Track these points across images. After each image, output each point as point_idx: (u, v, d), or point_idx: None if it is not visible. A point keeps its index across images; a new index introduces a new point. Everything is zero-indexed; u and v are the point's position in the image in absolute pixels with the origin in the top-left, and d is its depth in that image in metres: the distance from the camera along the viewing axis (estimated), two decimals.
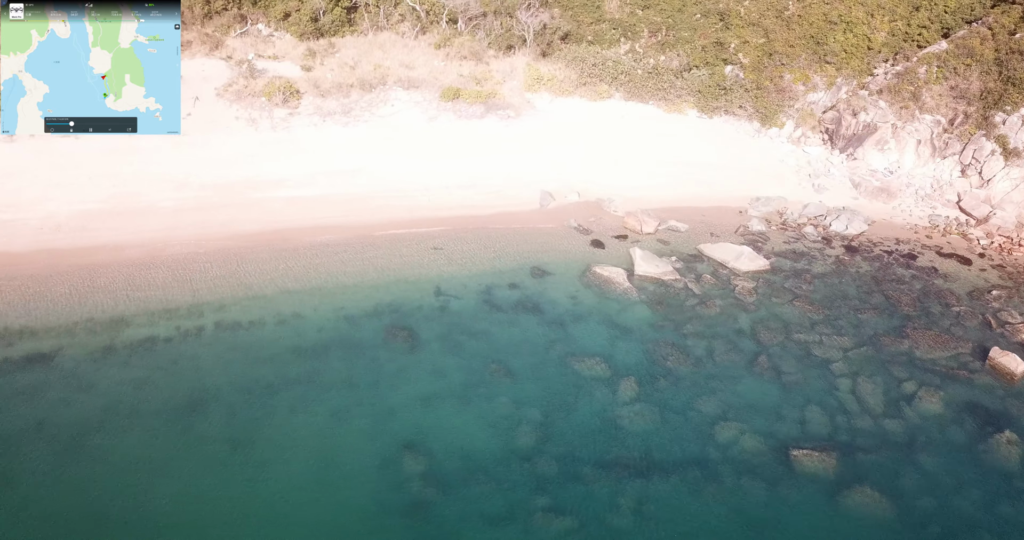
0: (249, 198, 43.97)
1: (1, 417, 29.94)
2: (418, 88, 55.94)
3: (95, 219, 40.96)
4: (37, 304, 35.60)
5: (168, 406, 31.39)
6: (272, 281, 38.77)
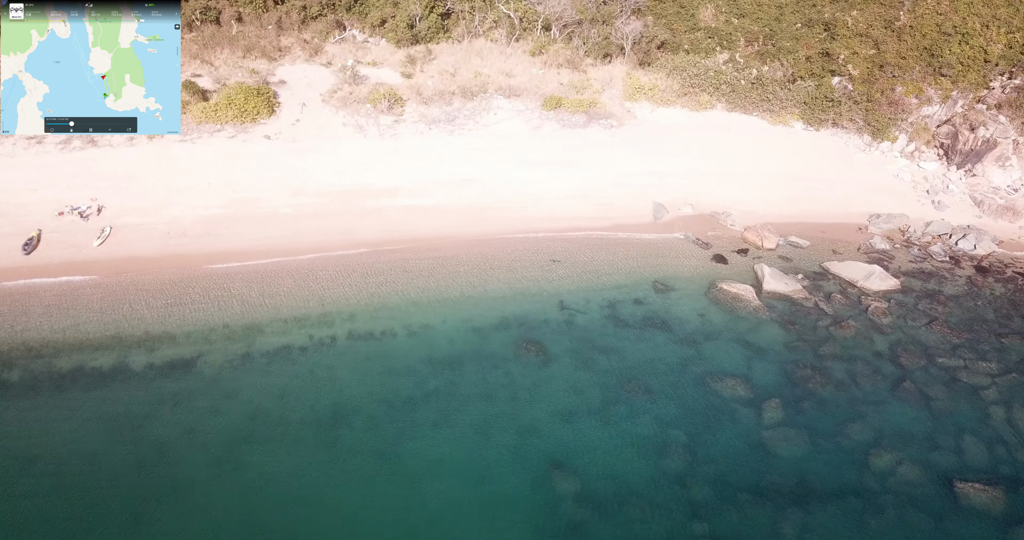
0: (366, 206, 44.07)
1: (154, 424, 30.29)
2: (519, 96, 55.75)
3: (219, 224, 41.40)
4: (173, 309, 36.01)
5: (312, 417, 31.40)
6: (398, 291, 38.72)
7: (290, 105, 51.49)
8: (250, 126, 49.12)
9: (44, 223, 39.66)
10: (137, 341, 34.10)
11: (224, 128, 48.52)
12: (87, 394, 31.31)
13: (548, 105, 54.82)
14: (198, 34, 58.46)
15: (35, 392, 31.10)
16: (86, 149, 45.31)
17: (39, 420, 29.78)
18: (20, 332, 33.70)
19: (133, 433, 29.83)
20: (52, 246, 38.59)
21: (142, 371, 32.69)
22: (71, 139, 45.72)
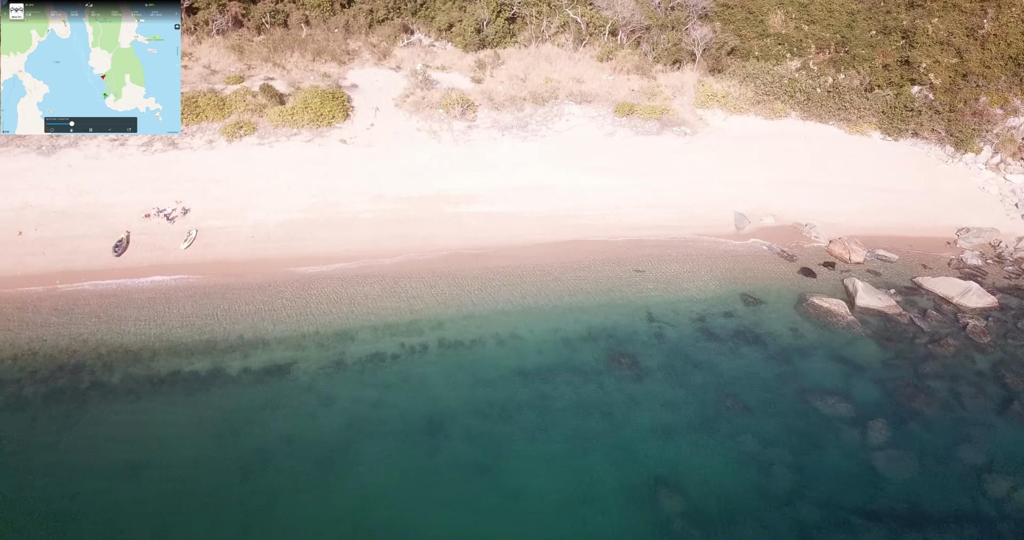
0: (445, 213, 43.99)
1: (255, 430, 30.35)
2: (590, 102, 55.41)
3: (302, 229, 41.57)
4: (264, 314, 36.17)
5: (408, 426, 31.28)
6: (484, 299, 38.52)
7: (364, 109, 51.66)
8: (326, 130, 49.35)
9: (131, 225, 40.14)
10: (231, 346, 34.29)
11: (300, 132, 48.80)
12: (187, 398, 31.52)
13: (621, 111, 54.42)
14: (267, 37, 59.01)
15: (136, 395, 31.38)
16: (167, 151, 45.85)
17: (143, 424, 30.04)
18: (118, 335, 34.07)
19: (235, 439, 29.95)
20: (141, 248, 39.03)
21: (238, 376, 32.85)
22: (152, 141, 46.31)
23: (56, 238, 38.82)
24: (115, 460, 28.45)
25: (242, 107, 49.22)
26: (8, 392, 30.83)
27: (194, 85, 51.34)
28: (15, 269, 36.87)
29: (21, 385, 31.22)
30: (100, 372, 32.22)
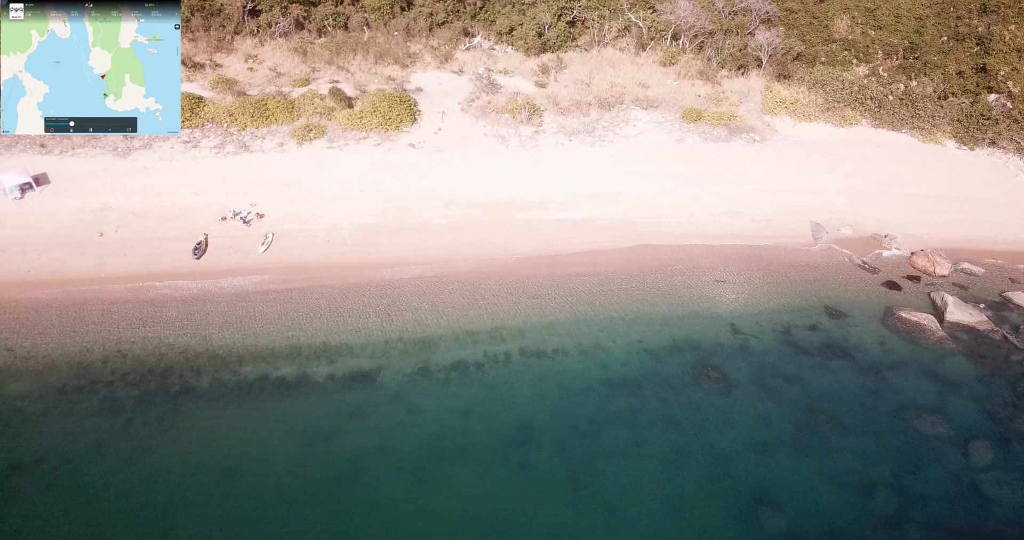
0: (518, 219, 43.72)
1: (345, 437, 30.22)
2: (657, 108, 54.90)
3: (377, 234, 41.53)
4: (347, 319, 36.11)
5: (499, 436, 30.97)
6: (563, 308, 38.16)
7: (430, 113, 51.61)
8: (394, 134, 49.35)
9: (209, 227, 40.35)
10: (315, 351, 34.25)
11: (369, 135, 48.84)
12: (277, 405, 31.49)
13: (688, 117, 53.83)
14: (329, 39, 59.28)
15: (226, 401, 31.41)
16: (239, 154, 46.12)
17: (236, 430, 30.02)
18: (203, 338, 34.18)
19: (327, 447, 29.83)
20: (219, 251, 39.20)
21: (325, 383, 32.77)
22: (224, 143, 46.62)
23: (136, 240, 39.13)
24: (212, 466, 28.45)
25: (310, 110, 49.39)
26: (102, 394, 31.01)
27: (261, 87, 51.67)
28: (98, 271, 37.18)
29: (113, 387, 31.38)
30: (189, 376, 32.31)
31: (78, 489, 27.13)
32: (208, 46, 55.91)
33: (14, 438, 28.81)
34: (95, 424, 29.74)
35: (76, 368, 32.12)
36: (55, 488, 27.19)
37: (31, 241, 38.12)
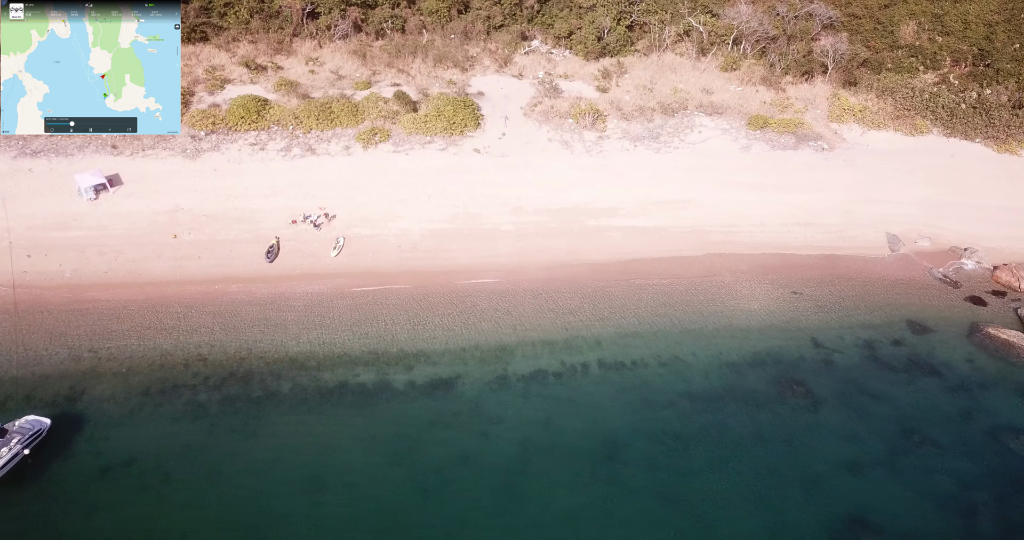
0: (587, 226, 43.27)
1: (429, 447, 29.91)
2: (721, 114, 54.16)
3: (447, 240, 41.29)
4: (421, 326, 35.89)
5: (583, 450, 30.46)
6: (639, 318, 37.63)
7: (493, 118, 51.34)
8: (458, 138, 49.15)
9: (280, 231, 40.40)
10: (393, 357, 34.07)
11: (434, 140, 48.69)
12: (358, 411, 31.32)
13: (754, 124, 53.03)
14: (387, 42, 59.28)
15: (308, 406, 31.30)
16: (306, 157, 46.19)
17: (320, 436, 29.88)
18: (281, 343, 34.16)
19: (411, 456, 29.58)
20: (292, 254, 39.23)
21: (404, 390, 32.55)
22: (291, 146, 46.74)
23: (209, 242, 39.28)
24: (298, 473, 28.31)
25: (375, 113, 49.37)
26: (185, 398, 31.06)
27: (324, 90, 51.76)
28: (174, 273, 37.37)
29: (196, 391, 31.43)
30: (270, 381, 32.26)
31: (169, 494, 27.13)
32: (268, 48, 56.13)
33: (102, 440, 28.93)
34: (180, 428, 29.76)
35: (158, 371, 32.23)
36: (145, 491, 27.22)
37: (107, 242, 38.42)
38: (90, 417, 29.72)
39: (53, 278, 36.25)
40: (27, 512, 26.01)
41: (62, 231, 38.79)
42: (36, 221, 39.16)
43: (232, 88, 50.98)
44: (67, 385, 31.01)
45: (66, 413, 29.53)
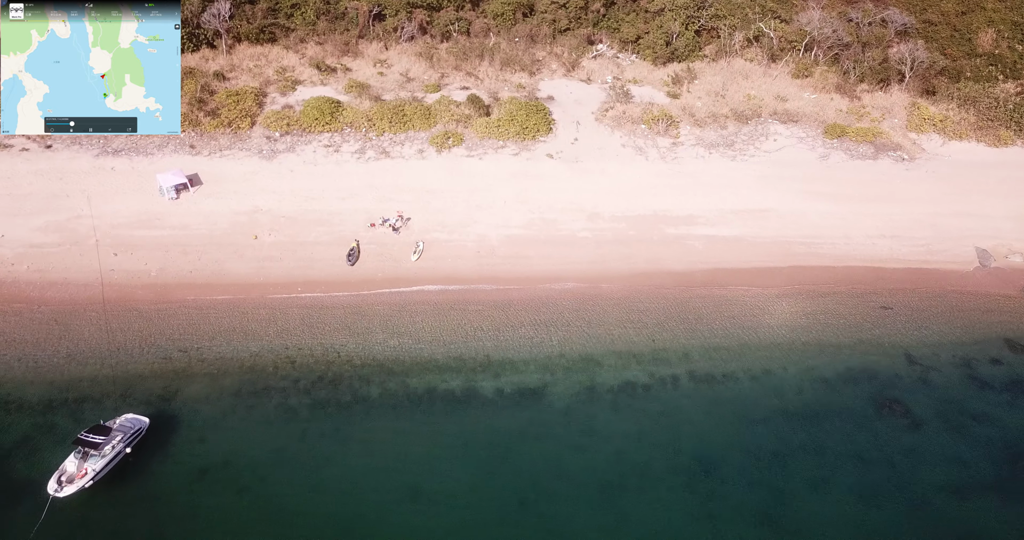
0: (666, 234, 42.79)
1: (522, 458, 29.64)
2: (796, 122, 53.33)
3: (524, 246, 41.08)
4: (505, 332, 35.70)
5: (679, 465, 29.97)
6: (725, 330, 37.05)
7: (564, 123, 51.10)
8: (531, 143, 49.00)
9: (359, 234, 40.52)
10: (480, 364, 33.92)
11: (507, 144, 48.59)
12: (449, 419, 31.19)
13: (831, 133, 52.14)
14: (452, 45, 59.37)
15: (398, 412, 31.25)
16: (380, 160, 46.36)
17: (412, 444, 29.77)
18: (367, 347, 34.21)
19: (505, 466, 29.35)
20: (372, 258, 39.31)
21: (493, 398, 32.36)
22: (365, 148, 46.94)
23: (290, 244, 39.52)
24: (394, 481, 28.23)
25: (447, 117, 49.40)
26: (276, 401, 31.18)
27: (394, 92, 51.98)
28: (257, 274, 37.63)
29: (286, 394, 31.54)
30: (358, 386, 32.28)
31: (267, 499, 27.18)
32: (335, 49, 56.53)
33: (198, 441, 29.13)
34: (274, 431, 29.86)
35: (248, 373, 32.41)
36: (244, 495, 27.32)
37: (190, 241, 38.84)
38: (185, 417, 29.97)
39: (140, 277, 36.70)
40: (132, 512, 26.26)
41: (146, 230, 39.30)
42: (120, 219, 39.74)
43: (303, 89, 51.42)
44: (160, 385, 31.31)
45: (161, 412, 29.80)
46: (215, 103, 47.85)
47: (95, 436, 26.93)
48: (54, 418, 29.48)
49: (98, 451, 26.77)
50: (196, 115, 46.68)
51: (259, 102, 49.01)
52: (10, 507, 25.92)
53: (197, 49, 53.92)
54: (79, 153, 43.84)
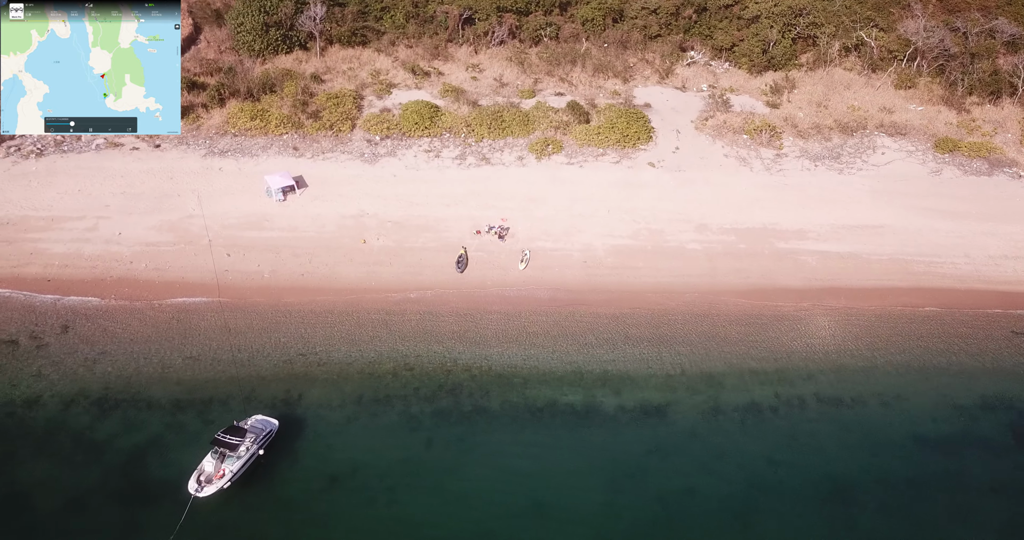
0: (777, 249, 41.96)
1: (648, 477, 29.16)
2: (904, 135, 52.01)
3: (632, 257, 40.66)
4: (624, 347, 35.28)
5: (812, 491, 29.14)
6: (850, 351, 36.14)
7: (663, 131, 50.62)
8: (631, 151, 48.63)
9: (465, 240, 40.58)
10: (598, 378, 33.57)
11: (607, 152, 48.30)
12: (571, 434, 30.87)
13: (942, 147, 50.72)
14: (543, 49, 59.32)
15: (520, 425, 31.05)
16: (481, 166, 46.48)
17: (536, 458, 29.51)
18: (483, 356, 34.14)
19: (632, 484, 28.93)
20: (480, 265, 39.30)
21: (615, 414, 31.97)
22: (465, 154, 47.08)
23: (397, 249, 39.75)
24: (520, 494, 28.04)
25: (545, 124, 49.34)
26: (398, 408, 31.27)
27: (489, 97, 52.12)
28: (368, 279, 37.90)
29: (408, 402, 31.60)
30: (478, 395, 32.19)
31: (397, 510, 27.19)
32: (426, 53, 56.96)
33: (325, 447, 29.31)
34: (398, 440, 29.90)
35: (368, 379, 32.58)
36: (374, 505, 27.35)
37: (300, 244, 39.31)
38: (310, 422, 30.21)
39: (253, 278, 37.26)
40: (268, 516, 26.50)
41: (255, 231, 39.92)
42: (230, 220, 40.45)
43: (398, 92, 51.93)
44: (283, 388, 31.66)
45: (286, 415, 30.07)
46: (316, 105, 48.55)
47: (231, 437, 27.28)
48: (183, 418, 30.00)
49: (234, 452, 27.11)
50: (298, 117, 47.43)
51: (357, 105, 49.57)
52: (150, 505, 26.40)
53: (290, 51, 54.94)
54: (186, 153, 44.86)
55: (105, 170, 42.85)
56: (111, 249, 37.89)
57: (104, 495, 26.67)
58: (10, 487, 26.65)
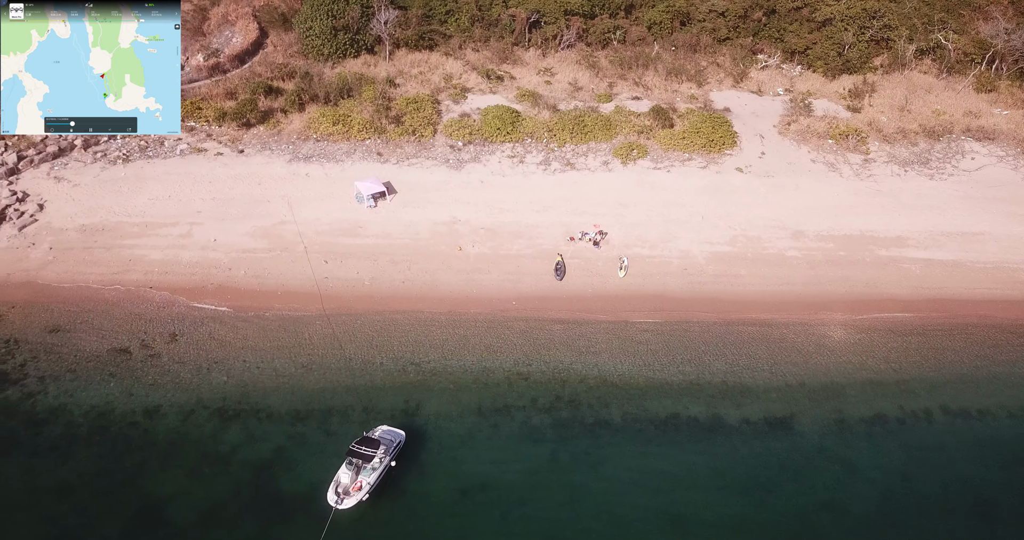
0: (878, 256, 41.40)
1: (784, 491, 28.64)
2: (992, 140, 51.37)
3: (733, 264, 40.21)
4: (739, 358, 34.79)
5: (950, 504, 28.63)
6: (971, 362, 35.54)
7: (747, 136, 50.21)
8: (717, 156, 48.23)
9: (560, 247, 40.28)
10: (718, 390, 33.13)
11: (693, 157, 47.93)
12: (696, 447, 30.45)
13: None
14: (612, 52, 59.08)
15: (645, 438, 30.66)
16: (566, 172, 46.22)
17: (665, 472, 29.13)
18: (595, 366, 33.79)
19: (769, 499, 28.49)
20: (578, 273, 38.98)
21: (739, 426, 31.52)
22: (549, 160, 46.85)
23: (494, 256, 39.48)
24: (655, 509, 27.73)
25: (627, 128, 49.06)
26: (519, 420, 30.97)
27: (566, 102, 51.92)
28: (468, 287, 37.64)
29: (528, 413, 31.32)
30: (598, 407, 31.83)
31: (532, 526, 26.82)
32: (493, 56, 56.85)
33: (451, 459, 29.02)
34: (523, 452, 29.56)
35: (484, 388, 32.29)
36: (509, 520, 27.01)
37: (396, 251, 39.13)
38: (433, 433, 29.93)
39: (354, 286, 37.08)
40: (405, 530, 26.18)
41: (350, 238, 39.78)
42: (323, 226, 40.34)
43: (473, 97, 51.81)
44: (401, 398, 31.39)
45: (409, 426, 29.79)
46: (396, 110, 48.48)
47: (366, 448, 27.08)
48: (304, 428, 29.79)
49: (369, 463, 26.87)
50: (380, 122, 47.37)
51: (436, 110, 49.48)
52: (288, 518, 26.17)
53: (358, 55, 54.99)
54: (271, 158, 44.87)
55: (192, 175, 42.86)
56: (209, 255, 37.83)
57: (238, 508, 26.44)
58: (146, 499, 26.46)
